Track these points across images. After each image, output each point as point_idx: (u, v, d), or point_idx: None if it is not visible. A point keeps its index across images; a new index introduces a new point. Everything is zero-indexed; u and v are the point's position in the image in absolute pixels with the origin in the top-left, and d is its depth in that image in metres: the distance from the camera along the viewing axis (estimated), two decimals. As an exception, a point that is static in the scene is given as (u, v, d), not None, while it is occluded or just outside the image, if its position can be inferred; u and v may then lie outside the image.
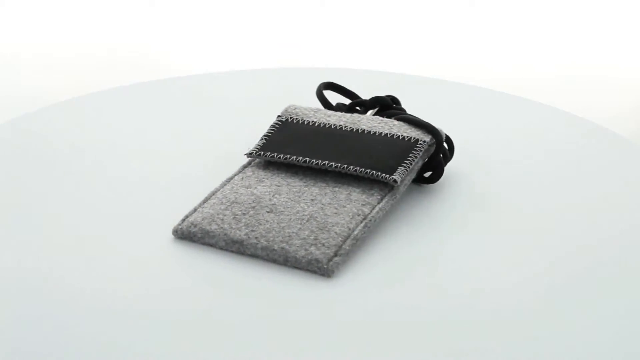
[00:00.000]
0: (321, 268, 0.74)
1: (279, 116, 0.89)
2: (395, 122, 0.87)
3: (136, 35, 2.08)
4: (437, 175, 0.85)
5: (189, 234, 0.77)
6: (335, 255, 0.75)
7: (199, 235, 0.77)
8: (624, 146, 0.94)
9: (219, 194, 0.81)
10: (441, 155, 0.85)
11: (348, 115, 0.88)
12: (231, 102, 1.02)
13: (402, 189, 0.82)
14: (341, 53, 2.04)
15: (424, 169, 0.85)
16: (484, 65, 2.01)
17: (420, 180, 0.85)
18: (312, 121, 0.88)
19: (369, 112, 0.91)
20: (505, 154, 0.91)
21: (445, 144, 0.86)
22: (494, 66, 2.01)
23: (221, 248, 0.77)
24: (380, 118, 0.87)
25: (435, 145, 0.85)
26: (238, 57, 2.00)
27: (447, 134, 0.89)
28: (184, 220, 0.78)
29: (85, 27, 2.10)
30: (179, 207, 0.81)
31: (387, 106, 0.91)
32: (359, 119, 0.88)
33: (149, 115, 0.98)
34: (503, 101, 1.04)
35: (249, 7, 2.19)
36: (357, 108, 0.92)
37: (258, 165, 0.85)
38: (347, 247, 0.75)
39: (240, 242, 0.76)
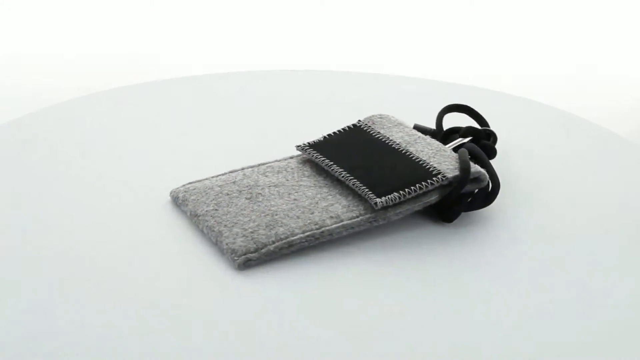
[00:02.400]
0: (233, 259, 0.73)
1: (358, 120, 0.88)
2: (448, 152, 0.81)
3: (136, 35, 2.09)
4: (451, 215, 0.79)
5: (176, 199, 0.81)
6: (255, 251, 0.73)
7: (181, 201, 0.80)
8: (623, 146, 0.94)
9: (233, 173, 0.83)
10: (470, 197, 0.79)
11: (417, 135, 0.84)
12: (232, 102, 1.02)
13: (392, 215, 0.77)
14: (340, 54, 2.04)
15: (447, 205, 0.79)
16: (483, 65, 2.01)
17: (440, 217, 0.80)
18: (378, 132, 0.85)
19: (456, 141, 0.86)
20: (504, 154, 0.91)
21: (490, 184, 0.80)
22: (494, 66, 2.01)
23: (189, 217, 0.79)
24: (439, 145, 0.83)
25: (457, 183, 0.78)
26: (238, 57, 2.00)
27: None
28: (183, 185, 0.82)
29: (85, 27, 2.10)
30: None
31: (478, 139, 0.87)
32: (418, 141, 0.84)
33: (149, 116, 0.98)
34: (503, 101, 1.05)
35: (250, 7, 2.19)
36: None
37: (299, 159, 0.85)
38: (272, 249, 0.73)
39: (197, 216, 0.78)
